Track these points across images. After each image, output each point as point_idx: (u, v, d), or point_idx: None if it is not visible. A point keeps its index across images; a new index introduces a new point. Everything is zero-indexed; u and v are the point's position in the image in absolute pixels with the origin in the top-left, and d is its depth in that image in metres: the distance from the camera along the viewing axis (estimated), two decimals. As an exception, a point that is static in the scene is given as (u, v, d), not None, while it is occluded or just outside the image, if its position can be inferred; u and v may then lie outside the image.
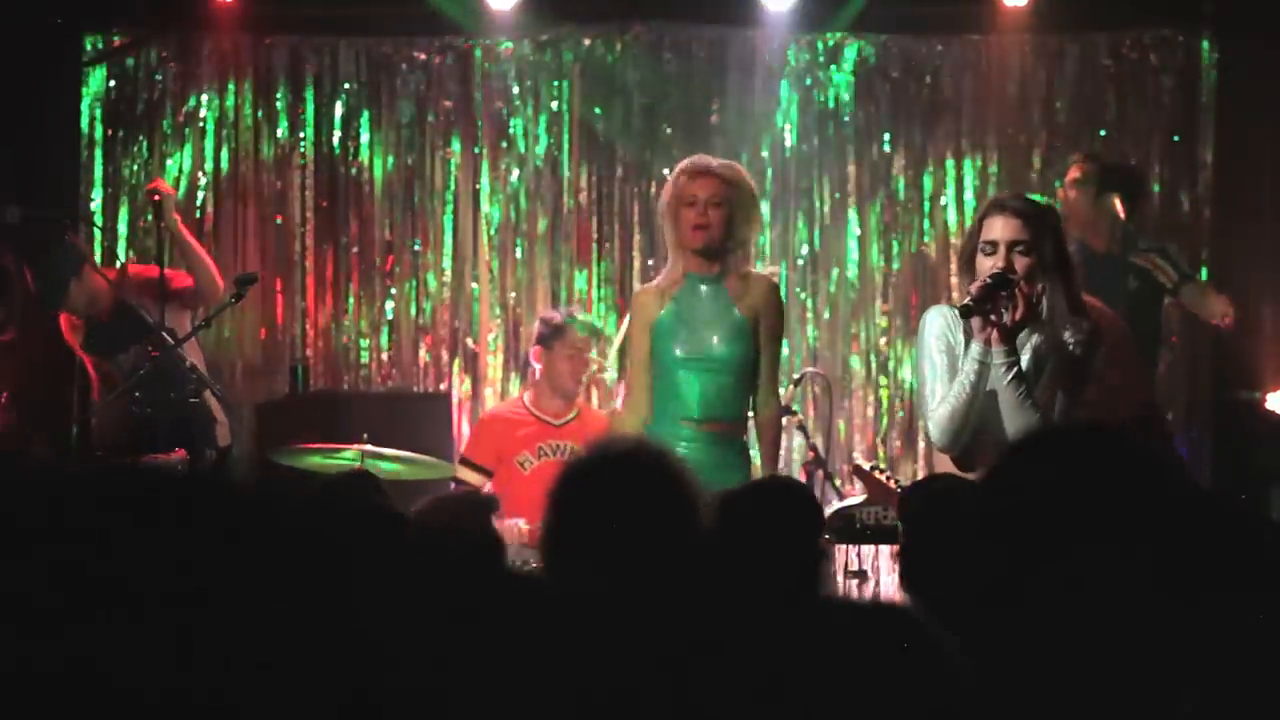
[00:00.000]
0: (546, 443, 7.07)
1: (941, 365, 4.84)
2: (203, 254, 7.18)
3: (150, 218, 7.47)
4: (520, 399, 7.33)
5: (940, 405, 4.81)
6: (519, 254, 8.64)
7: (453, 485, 7.17)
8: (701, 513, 2.64)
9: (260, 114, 8.57)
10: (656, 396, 5.90)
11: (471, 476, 7.17)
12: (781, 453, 8.44)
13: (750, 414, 5.99)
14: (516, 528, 6.48)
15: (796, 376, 8.13)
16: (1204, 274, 8.19)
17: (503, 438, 7.15)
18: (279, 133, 8.59)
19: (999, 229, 4.80)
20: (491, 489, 7.16)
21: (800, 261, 8.64)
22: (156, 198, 7.20)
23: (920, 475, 8.41)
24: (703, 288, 5.90)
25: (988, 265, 4.79)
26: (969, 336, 4.82)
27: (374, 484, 4.56)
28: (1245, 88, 8.17)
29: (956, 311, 4.78)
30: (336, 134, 8.60)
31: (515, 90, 8.59)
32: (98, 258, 7.59)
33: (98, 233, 8.14)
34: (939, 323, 4.90)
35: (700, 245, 5.86)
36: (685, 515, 2.62)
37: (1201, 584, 2.21)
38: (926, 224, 8.62)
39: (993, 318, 4.75)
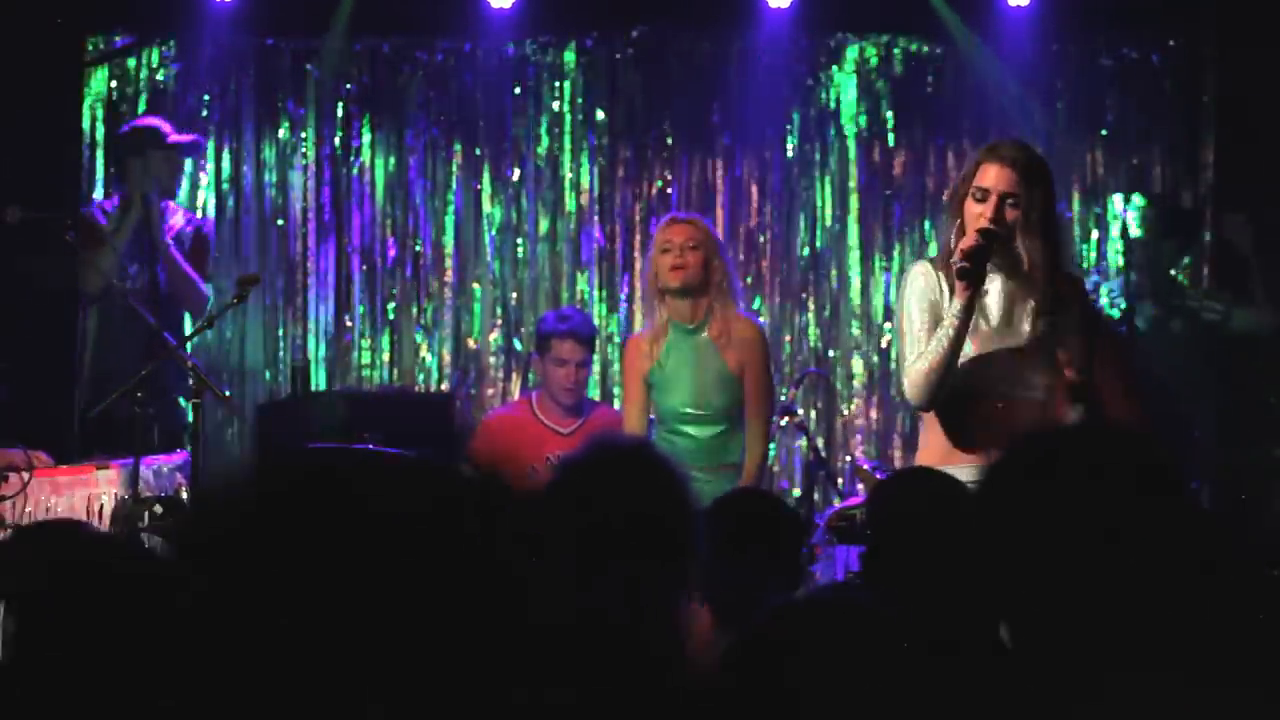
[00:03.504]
0: (555, 454, 7.07)
1: (920, 322, 4.78)
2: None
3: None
4: (527, 401, 7.33)
5: (917, 361, 4.74)
6: (520, 254, 8.64)
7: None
8: (695, 512, 2.66)
9: (261, 114, 8.56)
10: (659, 445, 6.05)
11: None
12: (783, 453, 8.48)
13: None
14: None
15: (798, 377, 8.13)
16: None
17: (507, 440, 7.15)
18: (280, 133, 8.59)
19: (993, 177, 4.75)
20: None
21: (802, 262, 8.64)
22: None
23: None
24: (688, 340, 6.03)
25: (975, 211, 4.76)
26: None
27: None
28: (1246, 88, 8.16)
29: (955, 271, 4.72)
30: (337, 134, 8.60)
31: (516, 90, 8.59)
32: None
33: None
34: (922, 279, 4.86)
35: (679, 283, 6.06)
36: (678, 515, 2.63)
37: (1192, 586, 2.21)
38: (928, 224, 8.62)
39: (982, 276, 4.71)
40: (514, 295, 8.61)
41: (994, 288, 4.84)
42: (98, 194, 8.42)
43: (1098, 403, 4.78)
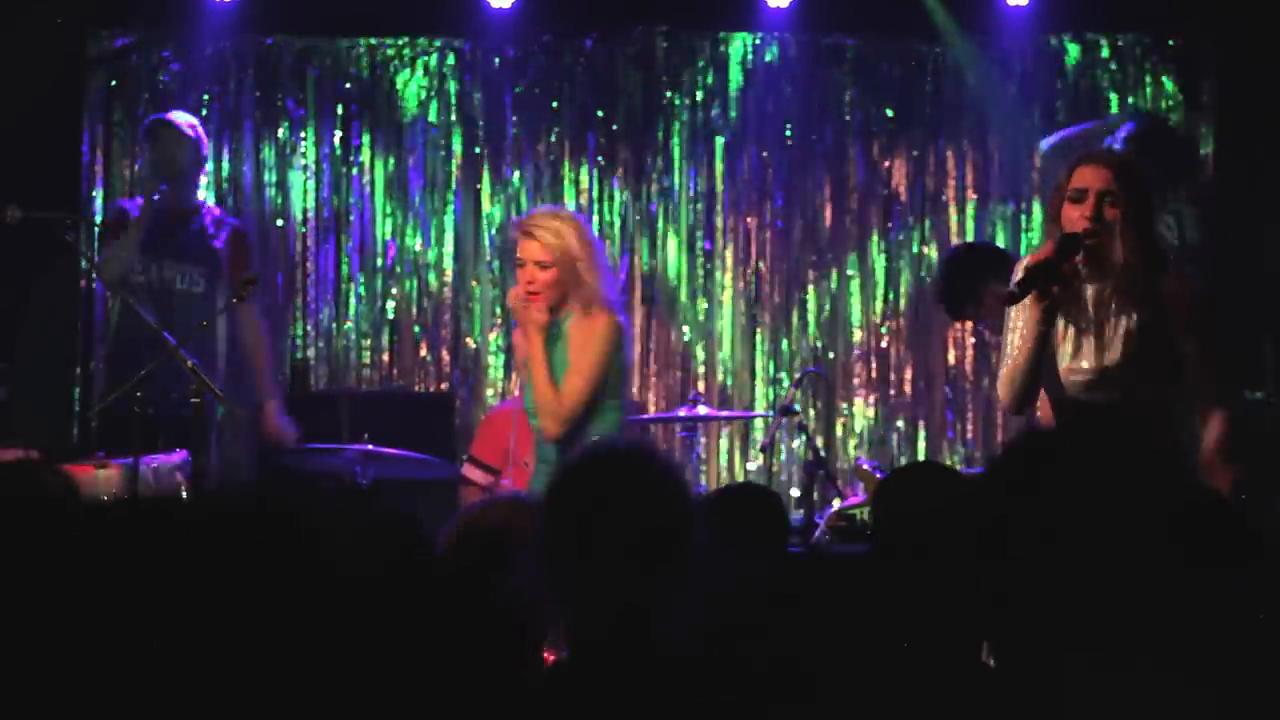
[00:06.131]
0: None
1: (1017, 328, 4.76)
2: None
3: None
4: (530, 397, 7.35)
5: (1003, 366, 4.77)
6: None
7: (461, 484, 7.18)
8: (695, 512, 2.67)
9: (261, 114, 8.57)
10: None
11: (478, 475, 7.17)
12: (783, 453, 8.48)
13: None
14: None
15: (798, 376, 8.13)
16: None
17: (509, 436, 7.15)
18: (280, 132, 8.59)
19: (1089, 177, 4.71)
20: (499, 488, 7.16)
21: (801, 262, 8.64)
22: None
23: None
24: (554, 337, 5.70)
25: (1075, 214, 4.69)
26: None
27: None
28: (1245, 88, 8.17)
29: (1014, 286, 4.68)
30: (337, 134, 8.60)
31: (516, 90, 8.59)
32: (97, 258, 7.61)
33: (98, 233, 8.13)
34: None
35: (538, 308, 5.64)
36: (679, 515, 2.64)
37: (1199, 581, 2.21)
38: (928, 224, 8.62)
39: (1054, 289, 4.63)
40: (514, 295, 8.61)
41: (1093, 289, 4.76)
42: (97, 194, 8.43)
43: (1183, 408, 4.69)
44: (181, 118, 7.43)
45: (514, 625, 2.39)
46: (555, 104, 8.62)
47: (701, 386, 8.45)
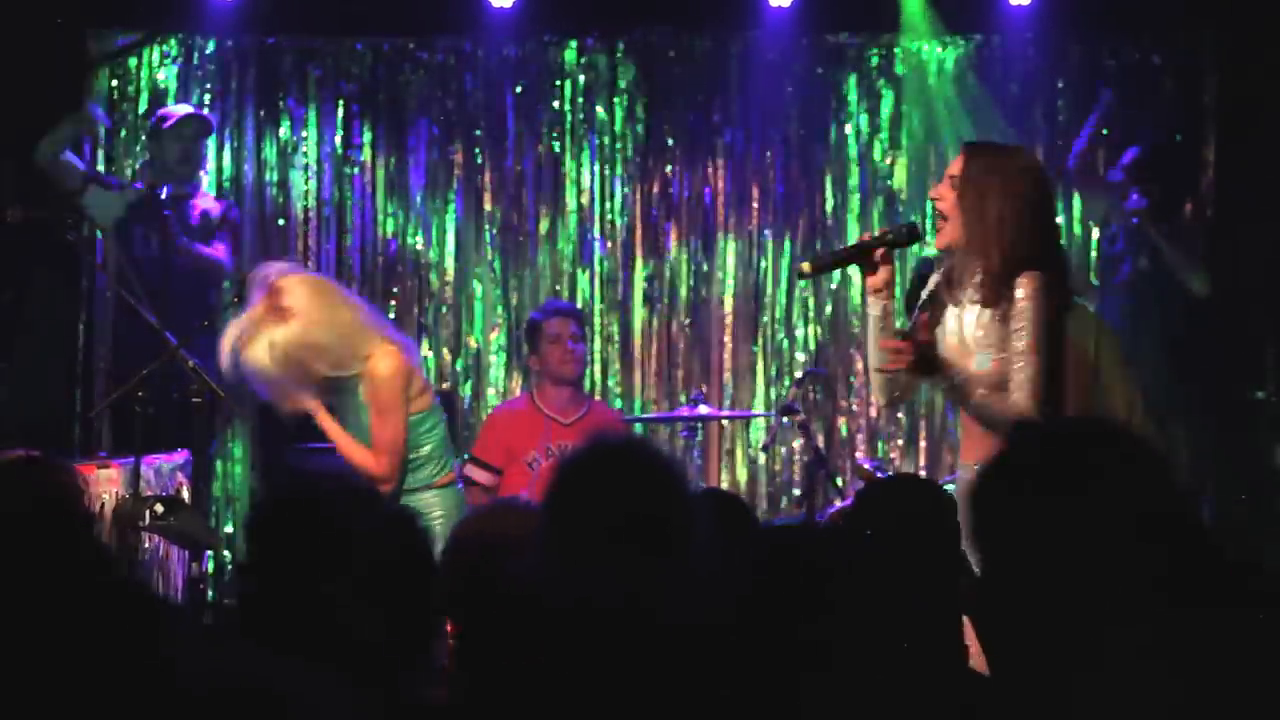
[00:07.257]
0: (555, 443, 7.09)
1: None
2: None
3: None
4: (528, 396, 7.35)
5: None
6: (521, 253, 8.64)
7: (460, 484, 7.18)
8: (693, 502, 2.69)
9: (262, 113, 8.58)
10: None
11: (481, 475, 7.17)
12: (784, 452, 8.49)
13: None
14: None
15: (798, 376, 8.14)
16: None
17: (511, 435, 7.16)
18: (281, 132, 8.59)
19: (950, 166, 4.69)
20: (502, 488, 7.17)
21: (801, 260, 8.64)
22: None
23: (922, 474, 8.41)
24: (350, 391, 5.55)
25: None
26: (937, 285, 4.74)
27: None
28: (1246, 87, 8.17)
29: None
30: (338, 133, 8.61)
31: (517, 90, 8.60)
32: (98, 256, 7.65)
33: (99, 232, 8.14)
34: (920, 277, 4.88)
35: (295, 405, 5.44)
36: (677, 505, 2.66)
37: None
38: (929, 224, 8.62)
39: (868, 269, 4.67)
40: (514, 294, 8.62)
41: (960, 285, 4.68)
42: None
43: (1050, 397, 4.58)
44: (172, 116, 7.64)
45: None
46: (555, 103, 8.62)
47: (702, 386, 8.45)
